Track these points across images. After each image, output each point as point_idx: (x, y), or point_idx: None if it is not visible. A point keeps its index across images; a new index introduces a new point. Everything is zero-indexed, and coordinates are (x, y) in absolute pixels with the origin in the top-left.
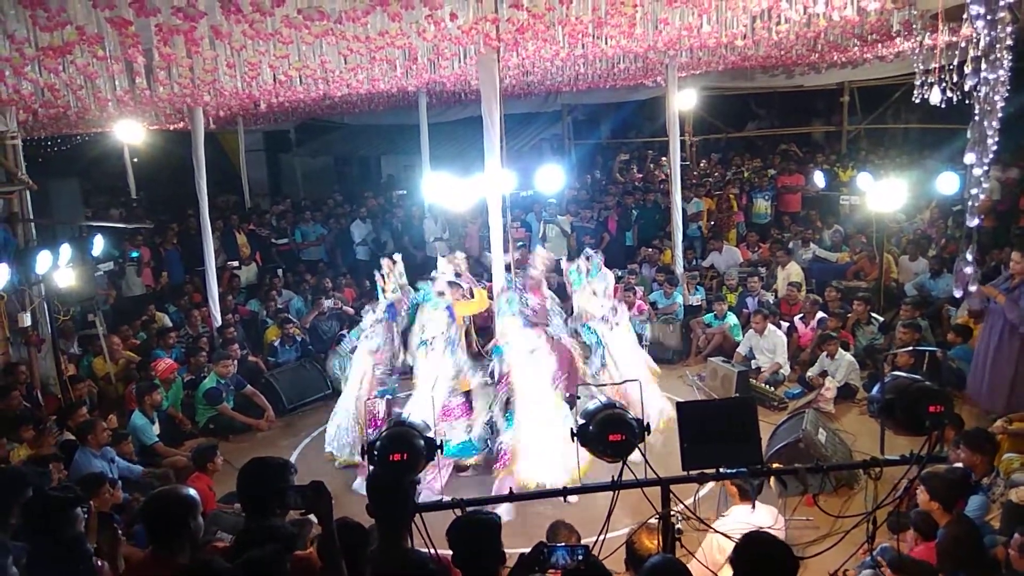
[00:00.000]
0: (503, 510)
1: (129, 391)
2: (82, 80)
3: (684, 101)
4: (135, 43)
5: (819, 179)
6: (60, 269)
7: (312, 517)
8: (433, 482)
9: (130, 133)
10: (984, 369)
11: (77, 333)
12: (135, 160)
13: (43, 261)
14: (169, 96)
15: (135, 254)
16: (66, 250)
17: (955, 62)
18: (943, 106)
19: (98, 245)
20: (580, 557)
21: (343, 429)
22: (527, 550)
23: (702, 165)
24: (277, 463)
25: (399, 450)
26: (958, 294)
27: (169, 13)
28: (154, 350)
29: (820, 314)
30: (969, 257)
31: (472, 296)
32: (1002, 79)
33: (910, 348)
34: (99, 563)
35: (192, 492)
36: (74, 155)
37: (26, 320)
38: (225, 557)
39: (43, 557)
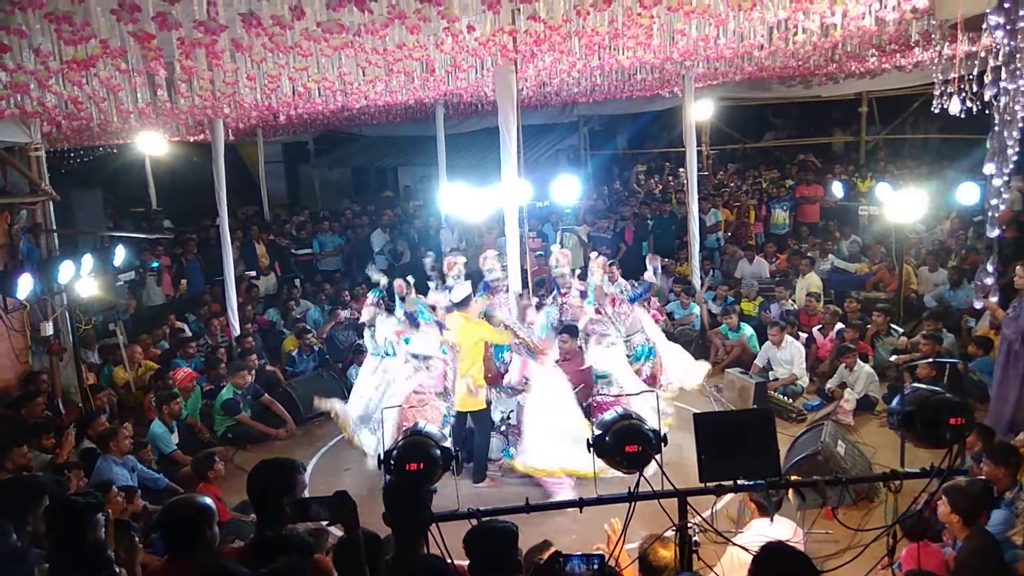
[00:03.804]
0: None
1: (148, 400)
2: (105, 92)
3: (701, 112)
4: (157, 56)
5: (837, 189)
6: (82, 279)
7: (325, 525)
8: None
9: (151, 145)
10: (995, 386)
11: (98, 342)
12: (166, 175)
13: (65, 271)
14: (190, 108)
15: (155, 264)
16: (88, 260)
17: (974, 72)
18: (962, 116)
19: (119, 255)
20: (596, 566)
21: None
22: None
23: (719, 176)
24: (284, 463)
25: (416, 459)
26: (978, 305)
27: (191, 27)
28: (174, 359)
29: (839, 325)
30: (990, 268)
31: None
32: (1022, 89)
33: (930, 360)
34: (118, 570)
35: (208, 501)
36: (96, 166)
37: (48, 329)
38: (240, 559)
39: (65, 564)
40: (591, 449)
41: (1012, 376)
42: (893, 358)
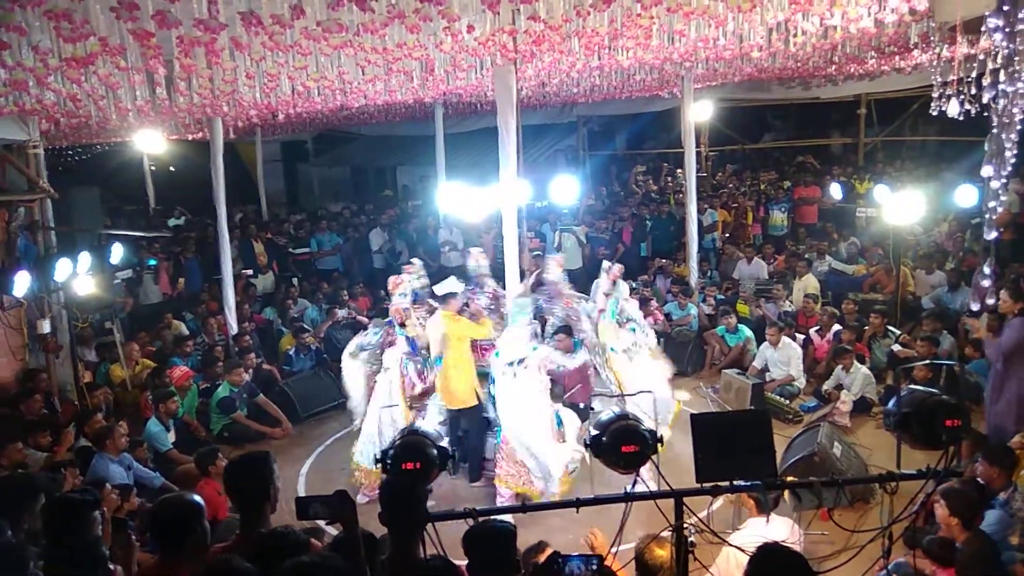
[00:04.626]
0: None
1: (144, 398)
2: (104, 90)
3: (700, 113)
4: (156, 54)
5: (836, 191)
6: (79, 276)
7: (322, 524)
8: None
9: (150, 143)
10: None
11: (95, 340)
12: (153, 168)
13: (63, 269)
14: (188, 106)
15: (153, 262)
16: (85, 258)
17: (973, 74)
18: (961, 118)
19: (117, 253)
20: (595, 567)
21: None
22: None
23: (718, 177)
24: (257, 456)
25: (413, 459)
26: (975, 307)
27: (190, 25)
28: (171, 357)
29: (836, 327)
30: (987, 270)
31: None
32: (1020, 91)
33: (927, 361)
34: (114, 568)
35: (196, 498)
36: (95, 164)
37: (45, 327)
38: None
39: (61, 561)
40: (588, 449)
41: (1006, 397)
42: (896, 347)
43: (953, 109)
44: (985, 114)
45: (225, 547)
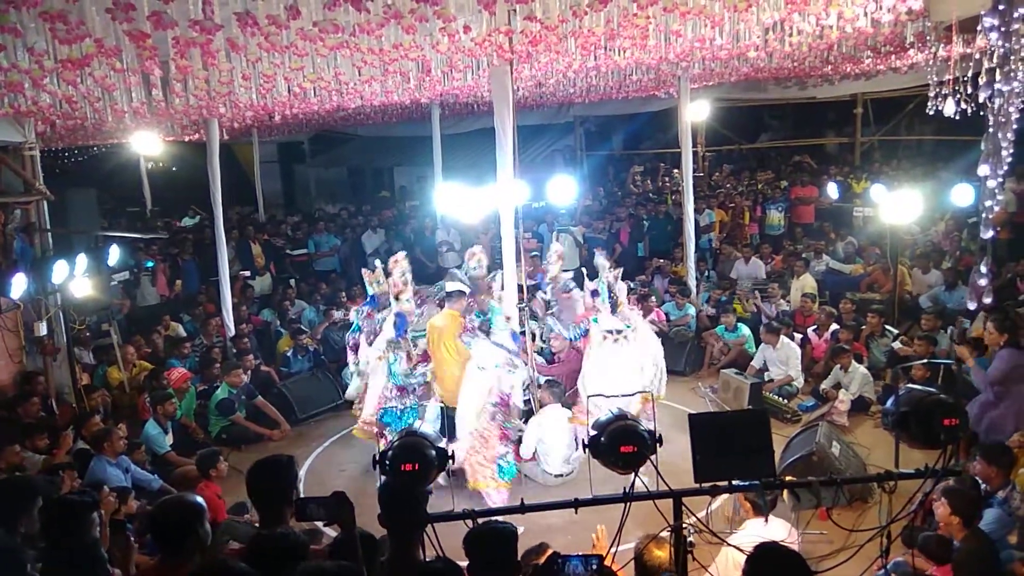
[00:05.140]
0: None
1: (142, 400)
2: (99, 92)
3: (696, 113)
4: (152, 55)
5: (833, 191)
6: (76, 279)
7: (320, 525)
8: None
9: (146, 144)
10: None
11: (93, 343)
12: (150, 164)
13: (59, 271)
14: (185, 108)
15: (150, 264)
16: (82, 260)
17: (969, 74)
18: (957, 118)
19: (114, 255)
20: (595, 567)
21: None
22: None
23: (715, 177)
24: (280, 459)
25: (411, 460)
26: (972, 307)
27: (186, 26)
28: (169, 359)
29: (834, 326)
30: (984, 269)
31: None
32: (1016, 90)
33: (925, 360)
34: (112, 570)
35: (198, 499)
36: (91, 166)
37: (42, 329)
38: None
39: (59, 563)
40: (587, 449)
41: (1002, 408)
42: (896, 345)
43: (949, 108)
44: (981, 113)
45: (237, 550)
